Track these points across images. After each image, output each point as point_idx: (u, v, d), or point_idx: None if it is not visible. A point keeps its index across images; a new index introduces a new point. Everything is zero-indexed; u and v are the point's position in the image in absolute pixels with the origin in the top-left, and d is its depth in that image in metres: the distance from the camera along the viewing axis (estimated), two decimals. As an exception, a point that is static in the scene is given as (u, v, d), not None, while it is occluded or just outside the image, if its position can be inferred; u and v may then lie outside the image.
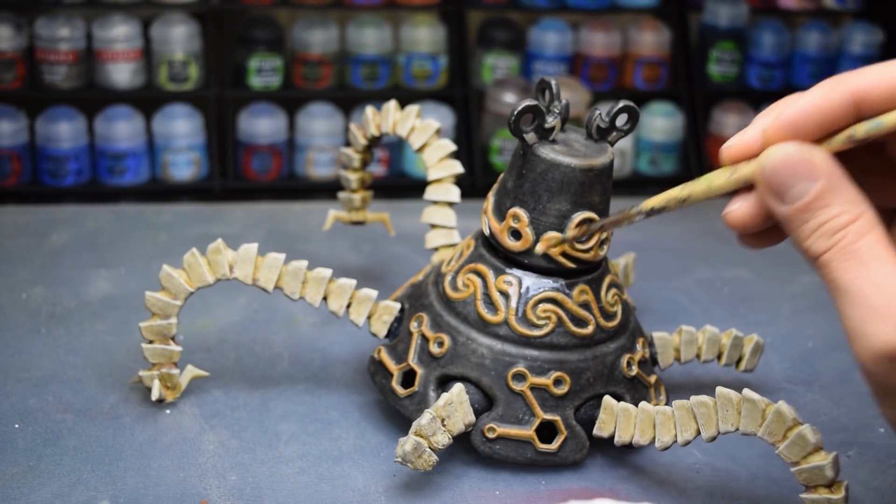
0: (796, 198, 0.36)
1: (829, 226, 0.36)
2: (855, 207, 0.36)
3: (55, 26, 1.29)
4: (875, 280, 0.35)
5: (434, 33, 1.41)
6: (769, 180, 0.37)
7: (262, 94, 1.37)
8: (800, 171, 0.36)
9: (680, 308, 0.68)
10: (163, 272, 0.49)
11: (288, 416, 0.52)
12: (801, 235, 0.37)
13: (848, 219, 0.36)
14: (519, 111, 0.46)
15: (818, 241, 0.36)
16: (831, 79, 0.37)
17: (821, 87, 0.37)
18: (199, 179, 1.36)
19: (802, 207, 0.36)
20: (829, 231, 0.36)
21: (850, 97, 0.36)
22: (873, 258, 0.35)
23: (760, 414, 0.42)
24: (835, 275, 0.36)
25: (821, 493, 0.42)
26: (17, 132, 1.30)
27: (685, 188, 0.41)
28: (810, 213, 0.36)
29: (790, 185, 0.36)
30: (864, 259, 0.35)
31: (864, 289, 0.35)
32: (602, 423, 0.47)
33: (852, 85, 0.36)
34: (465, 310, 0.49)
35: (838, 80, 0.37)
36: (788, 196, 0.37)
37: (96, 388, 0.54)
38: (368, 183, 0.62)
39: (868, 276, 0.35)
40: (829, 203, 0.36)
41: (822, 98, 0.37)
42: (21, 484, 0.46)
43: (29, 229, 0.73)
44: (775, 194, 0.37)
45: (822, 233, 0.36)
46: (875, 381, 0.36)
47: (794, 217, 0.37)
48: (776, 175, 0.37)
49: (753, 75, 1.49)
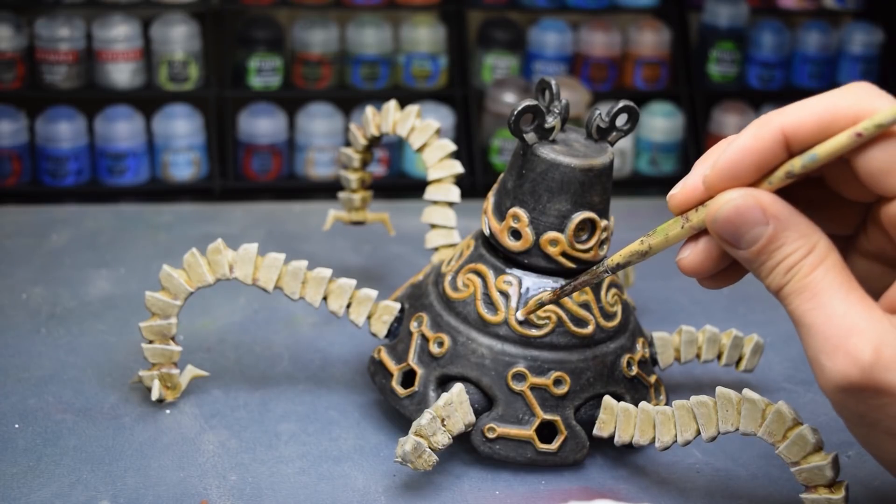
0: (751, 243, 0.37)
1: (785, 264, 0.37)
2: (808, 241, 0.37)
3: (55, 26, 1.29)
4: (827, 311, 0.36)
5: (434, 33, 1.41)
6: (722, 231, 0.38)
7: (262, 94, 1.37)
8: (750, 219, 0.37)
9: (680, 308, 0.68)
10: (163, 272, 0.49)
11: (288, 416, 0.52)
12: (760, 275, 0.38)
13: (802, 254, 0.37)
14: (519, 111, 0.46)
15: (776, 279, 0.37)
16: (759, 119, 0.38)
17: (750, 128, 0.38)
18: (199, 179, 1.36)
19: (758, 251, 0.37)
20: (785, 269, 0.37)
21: (780, 135, 0.37)
22: (826, 288, 0.36)
23: (760, 414, 0.42)
24: (792, 307, 0.37)
25: (821, 493, 0.42)
26: (17, 132, 1.30)
27: (644, 242, 0.42)
28: (766, 255, 0.37)
29: (743, 233, 0.37)
30: (818, 290, 0.36)
31: (817, 320, 0.36)
32: (602, 423, 0.47)
33: (780, 122, 0.37)
34: (465, 310, 0.49)
35: (766, 119, 0.37)
36: (743, 242, 0.38)
37: (96, 388, 0.54)
38: (368, 183, 0.62)
39: (821, 308, 0.36)
40: (783, 243, 0.37)
41: (754, 139, 0.37)
42: (21, 484, 0.46)
43: (29, 229, 0.73)
44: (730, 243, 0.38)
45: (778, 271, 0.37)
46: (838, 410, 0.37)
47: (752, 259, 0.38)
48: (728, 225, 0.38)
49: (753, 75, 1.49)
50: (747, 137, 0.37)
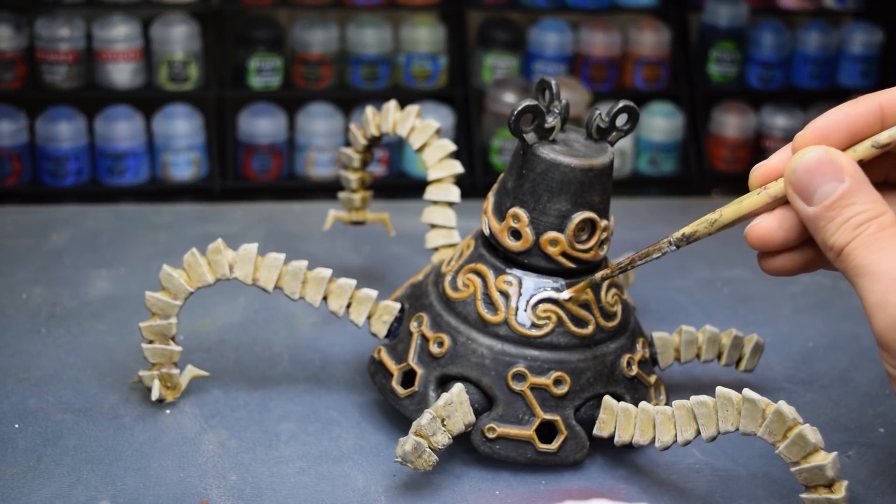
0: (823, 197, 0.38)
1: (854, 220, 0.38)
2: (878, 206, 0.38)
3: (55, 26, 1.29)
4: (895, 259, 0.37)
5: (434, 33, 1.41)
6: (797, 181, 0.39)
7: (262, 94, 1.37)
8: (827, 172, 0.38)
9: (680, 308, 0.68)
10: (163, 272, 0.49)
11: (288, 416, 0.52)
12: (826, 232, 0.38)
13: (871, 215, 0.38)
14: (519, 111, 0.46)
15: (843, 234, 0.38)
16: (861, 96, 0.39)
17: (851, 101, 0.39)
18: (199, 179, 1.36)
19: (829, 205, 0.38)
20: (854, 224, 0.38)
21: (877, 106, 0.39)
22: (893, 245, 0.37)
23: (760, 414, 0.42)
24: (857, 261, 0.37)
25: (821, 493, 0.42)
26: (17, 132, 1.30)
27: (716, 211, 0.43)
28: (836, 210, 0.38)
29: (818, 186, 0.38)
30: (885, 245, 0.37)
31: (884, 265, 0.37)
32: (602, 423, 0.47)
33: (879, 96, 0.38)
34: (465, 310, 0.49)
35: (868, 95, 0.39)
36: (816, 196, 0.38)
37: (96, 388, 0.54)
38: (368, 183, 0.62)
39: (889, 256, 0.37)
40: (855, 201, 0.38)
41: (851, 107, 0.39)
42: (21, 484, 0.46)
43: (29, 229, 0.73)
44: (803, 195, 0.39)
45: (847, 227, 0.38)
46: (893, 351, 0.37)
47: (820, 216, 0.38)
48: (805, 175, 0.39)
49: (753, 75, 1.49)
50: (844, 105, 0.39)
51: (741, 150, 1.45)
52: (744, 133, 1.45)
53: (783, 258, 0.42)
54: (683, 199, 1.16)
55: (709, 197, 1.34)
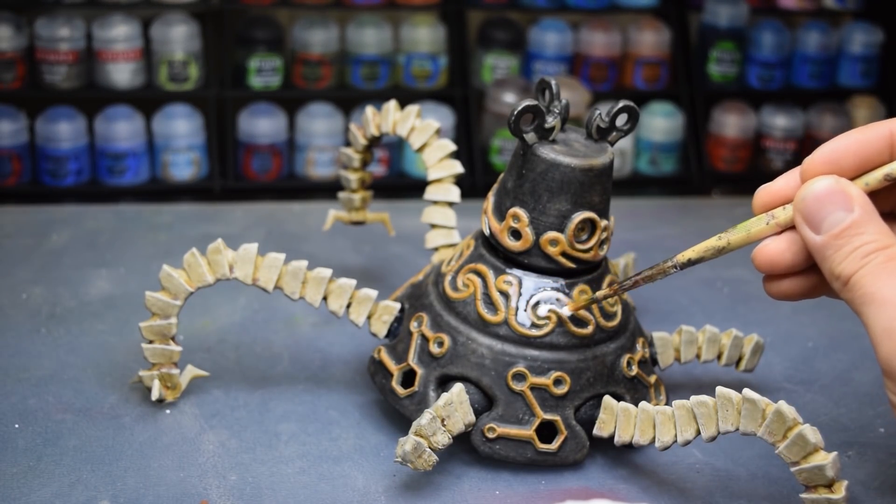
0: (832, 226, 0.38)
1: (862, 250, 0.37)
2: (886, 238, 0.38)
3: (55, 26, 1.29)
4: None
5: (434, 33, 1.41)
6: (806, 209, 0.38)
7: (262, 94, 1.37)
8: (836, 202, 0.38)
9: (680, 308, 0.68)
10: (163, 272, 0.49)
11: (288, 416, 0.52)
12: (833, 261, 0.38)
13: (880, 245, 0.37)
14: (519, 111, 0.46)
15: (851, 264, 0.37)
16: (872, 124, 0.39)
17: (860, 127, 0.39)
18: (199, 179, 1.36)
19: (837, 234, 0.38)
20: (862, 254, 0.37)
21: (887, 133, 0.38)
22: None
23: (760, 414, 0.42)
24: (864, 289, 0.37)
25: (821, 493, 0.42)
26: (17, 132, 1.30)
27: (722, 238, 0.42)
28: (844, 239, 0.38)
29: (826, 214, 0.38)
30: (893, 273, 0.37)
31: (891, 293, 0.36)
32: (602, 423, 0.47)
33: (891, 125, 0.38)
34: (465, 310, 0.49)
35: (878, 122, 0.38)
36: (824, 225, 0.38)
37: (96, 388, 0.54)
38: (368, 183, 0.62)
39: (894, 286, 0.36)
40: (863, 231, 0.38)
41: (861, 133, 0.38)
42: (21, 484, 0.46)
43: (29, 229, 0.73)
44: (811, 223, 0.38)
45: (854, 256, 0.37)
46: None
47: (828, 244, 0.38)
48: (814, 204, 0.38)
49: (753, 75, 1.49)
50: (854, 132, 0.38)
51: (741, 150, 1.45)
52: (744, 133, 1.45)
53: (789, 282, 0.42)
54: (683, 199, 1.16)
55: (709, 197, 1.34)
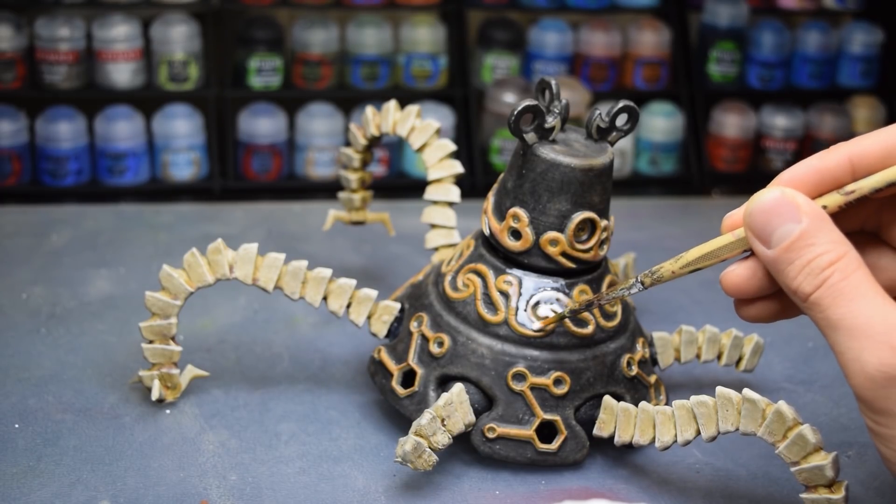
0: (781, 239, 0.37)
1: (815, 264, 0.37)
2: (838, 247, 0.37)
3: (55, 26, 1.29)
4: (866, 313, 0.36)
5: (434, 33, 1.41)
6: (754, 223, 0.38)
7: (262, 94, 1.37)
8: (784, 213, 0.37)
9: (680, 308, 0.67)
10: (163, 272, 0.49)
11: (288, 416, 0.52)
12: (788, 276, 0.37)
13: (833, 257, 0.37)
14: (519, 111, 0.46)
15: (806, 281, 0.37)
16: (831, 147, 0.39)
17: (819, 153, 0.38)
18: (199, 179, 1.36)
19: (787, 247, 0.37)
20: (816, 270, 0.37)
21: (846, 159, 0.38)
22: (860, 295, 0.36)
23: (760, 414, 0.42)
24: (826, 313, 0.37)
25: (821, 493, 0.42)
26: (17, 132, 1.30)
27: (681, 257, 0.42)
28: (795, 252, 0.37)
29: (775, 227, 0.37)
30: (854, 296, 0.36)
31: (856, 322, 0.36)
32: (602, 423, 0.47)
33: (849, 147, 0.38)
34: (465, 310, 0.49)
35: (838, 145, 0.38)
36: (774, 238, 0.38)
37: (96, 388, 0.54)
38: (368, 183, 0.62)
39: (859, 311, 0.36)
40: (814, 242, 0.37)
41: (820, 158, 0.38)
42: (21, 484, 0.46)
43: (29, 229, 0.73)
44: (761, 237, 0.38)
45: (808, 272, 0.37)
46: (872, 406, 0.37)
47: (780, 258, 0.38)
48: (762, 217, 0.38)
49: (753, 75, 1.49)
50: (812, 157, 0.38)
51: (741, 150, 1.45)
52: (744, 133, 1.44)
53: (758, 306, 0.41)
54: (683, 199, 1.16)
55: (709, 197, 1.34)
